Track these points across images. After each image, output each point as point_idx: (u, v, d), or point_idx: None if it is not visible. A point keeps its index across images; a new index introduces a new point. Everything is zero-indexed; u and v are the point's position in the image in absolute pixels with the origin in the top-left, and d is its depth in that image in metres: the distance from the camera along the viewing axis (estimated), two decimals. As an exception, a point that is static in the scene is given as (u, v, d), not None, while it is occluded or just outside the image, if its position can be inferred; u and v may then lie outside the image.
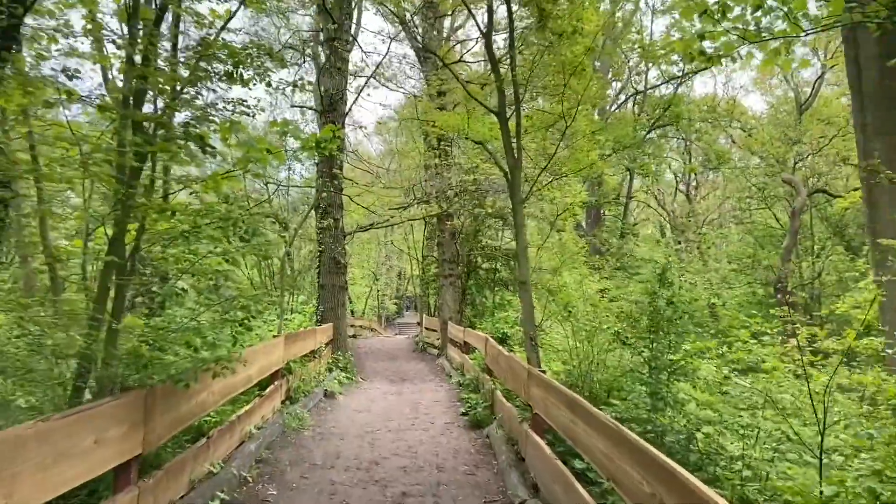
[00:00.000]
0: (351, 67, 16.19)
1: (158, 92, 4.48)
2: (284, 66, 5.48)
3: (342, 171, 14.53)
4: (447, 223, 17.44)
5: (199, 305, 5.12)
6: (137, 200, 4.40)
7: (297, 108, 18.60)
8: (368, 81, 17.13)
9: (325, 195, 13.64)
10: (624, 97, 25.75)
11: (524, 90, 7.76)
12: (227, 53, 4.72)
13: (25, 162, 5.56)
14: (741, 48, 6.46)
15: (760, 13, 5.92)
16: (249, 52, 4.91)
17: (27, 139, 5.80)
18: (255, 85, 5.58)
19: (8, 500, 2.73)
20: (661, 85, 23.53)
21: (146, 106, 5.01)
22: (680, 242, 26.41)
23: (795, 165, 23.72)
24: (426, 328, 21.73)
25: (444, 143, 17.09)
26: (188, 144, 4.29)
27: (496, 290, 18.36)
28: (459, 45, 20.98)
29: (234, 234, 5.22)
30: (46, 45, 5.78)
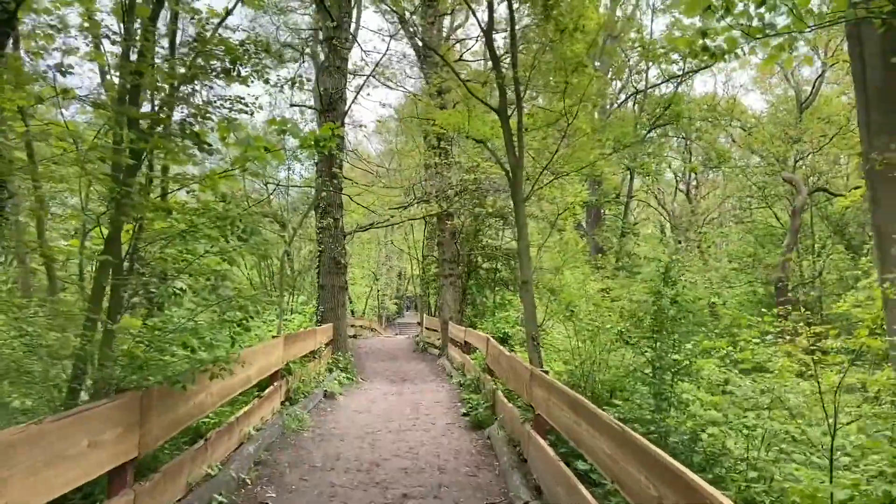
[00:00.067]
0: (350, 66, 16.12)
1: (154, 89, 4.40)
2: (282, 62, 5.43)
3: (342, 170, 14.47)
4: (447, 223, 17.37)
5: (196, 306, 5.04)
6: (133, 199, 4.33)
7: (296, 107, 18.53)
8: (368, 80, 17.07)
9: (324, 194, 13.57)
10: (624, 96, 25.68)
11: (525, 87, 7.69)
12: (223, 50, 4.65)
13: (21, 161, 5.49)
14: (745, 45, 6.40)
15: (764, 9, 5.86)
16: (246, 48, 4.84)
17: (23, 137, 5.74)
18: (252, 82, 5.51)
19: (-3, 505, 2.67)
20: (661, 84, 23.42)
21: (145, 106, 4.96)
22: (680, 242, 26.34)
23: (796, 164, 23.65)
24: (427, 328, 21.66)
25: (444, 142, 17.03)
26: (185, 142, 4.21)
27: (497, 289, 18.30)
28: (459, 44, 20.91)
29: (231, 233, 5.15)
30: (43, 43, 5.73)
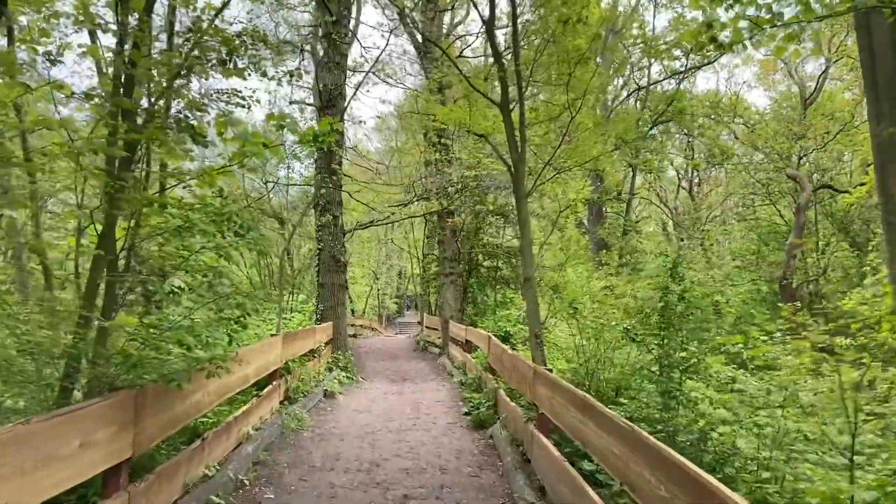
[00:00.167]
0: (350, 63, 16.01)
1: (149, 80, 4.28)
2: (280, 54, 5.30)
3: (341, 166, 14.35)
4: (448, 221, 17.26)
5: (193, 303, 4.92)
6: (127, 193, 4.22)
7: (295, 104, 18.41)
8: (368, 76, 16.94)
9: (323, 191, 13.45)
10: (626, 93, 25.54)
11: (527, 82, 7.57)
12: (219, 40, 4.53)
13: (16, 157, 5.38)
14: (752, 37, 6.28)
15: (773, -2, 5.74)
16: (243, 39, 4.72)
17: (18, 129, 5.63)
18: (249, 75, 5.40)
19: (-16, 507, 2.56)
20: (663, 80, 23.29)
21: (143, 102, 4.85)
22: (682, 239, 26.21)
23: (800, 161, 23.51)
24: (427, 327, 21.55)
25: (444, 138, 16.91)
26: (180, 135, 4.10)
27: (498, 288, 18.18)
28: (459, 40, 20.78)
29: (228, 229, 5.04)
30: (38, 37, 5.62)
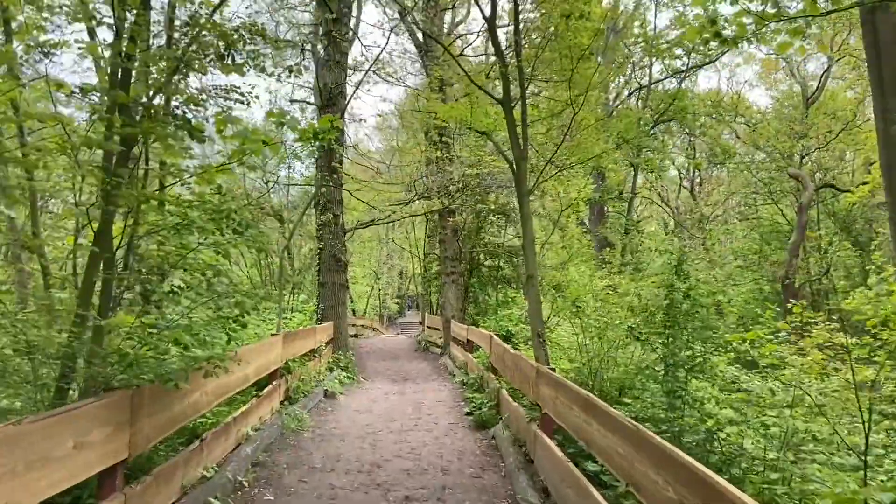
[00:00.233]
0: (350, 62, 15.94)
1: (143, 73, 4.21)
2: (279, 49, 5.22)
3: (342, 165, 14.27)
4: (449, 220, 17.18)
5: (190, 301, 4.85)
6: (123, 190, 4.14)
7: (296, 102, 18.34)
8: (368, 74, 16.86)
9: (324, 190, 13.37)
10: (627, 93, 25.44)
11: (529, 78, 7.49)
12: (217, 35, 4.46)
13: (15, 156, 5.31)
14: (757, 32, 6.20)
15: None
16: (241, 33, 4.65)
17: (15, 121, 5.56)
18: (248, 70, 5.33)
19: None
20: (665, 79, 23.19)
21: (143, 100, 4.78)
22: (684, 239, 26.10)
23: (802, 160, 23.42)
24: (428, 327, 21.48)
25: (445, 137, 16.83)
26: (176, 129, 4.03)
27: (499, 287, 18.10)
28: (460, 39, 20.72)
29: (227, 226, 4.97)
30: (35, 35, 5.55)
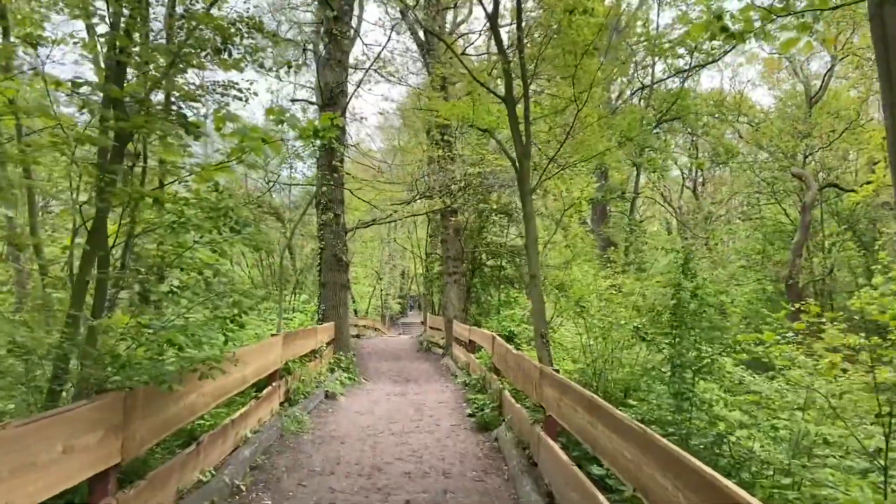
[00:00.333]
0: (352, 61, 15.85)
1: (138, 68, 4.11)
2: (277, 44, 5.12)
3: (343, 164, 14.17)
4: (451, 219, 17.08)
5: (186, 301, 4.74)
6: (117, 186, 4.05)
7: (298, 101, 18.25)
8: (370, 74, 16.76)
9: (325, 190, 13.27)
10: (629, 92, 25.31)
11: (532, 75, 7.38)
12: (213, 28, 4.35)
13: (12, 154, 5.22)
14: (765, 25, 6.09)
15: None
16: (238, 27, 4.54)
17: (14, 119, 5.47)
18: (246, 66, 5.23)
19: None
20: (667, 79, 23.06)
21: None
22: (687, 239, 25.97)
23: (805, 159, 23.29)
24: (430, 327, 21.36)
25: (447, 136, 16.74)
26: (170, 123, 3.92)
27: (501, 287, 17.99)
28: (462, 38, 20.63)
29: (224, 224, 4.87)
30: (32, 32, 5.46)
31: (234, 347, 6.26)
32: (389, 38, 25.90)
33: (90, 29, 5.22)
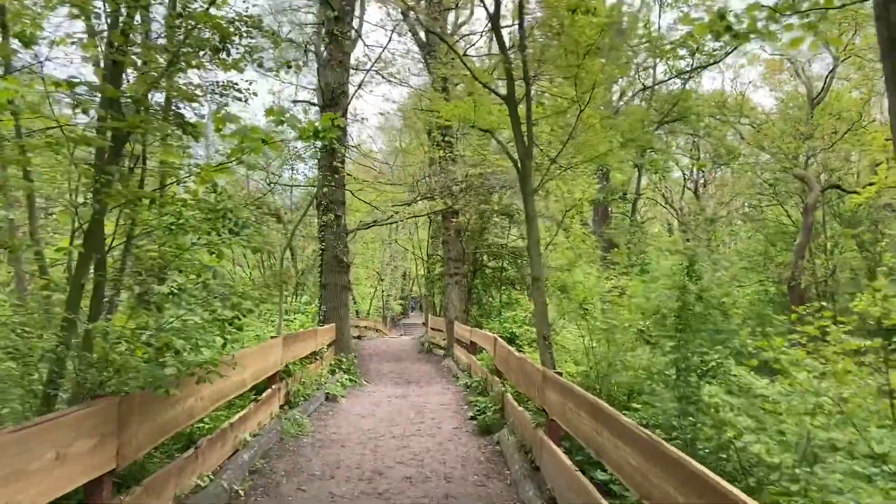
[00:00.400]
0: (353, 62, 15.78)
1: (132, 65, 4.05)
2: (276, 42, 5.05)
3: (344, 165, 14.10)
4: (452, 221, 17.00)
5: (185, 303, 4.67)
6: (113, 187, 3.98)
7: (299, 103, 18.16)
8: (371, 75, 16.71)
9: (326, 191, 13.21)
10: (631, 93, 25.23)
11: (534, 75, 7.31)
12: (211, 26, 4.29)
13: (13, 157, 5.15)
14: (770, 24, 6.03)
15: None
16: (237, 25, 4.48)
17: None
18: (246, 66, 5.16)
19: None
20: (669, 80, 23.01)
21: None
22: (689, 240, 25.89)
23: (808, 161, 23.21)
24: (432, 328, 21.27)
25: (448, 137, 16.67)
26: (167, 123, 3.86)
27: (503, 288, 17.92)
28: (463, 40, 20.56)
29: (222, 226, 4.80)
30: (23, 30, 5.41)
31: (233, 350, 6.20)
32: (391, 38, 25.77)
33: (91, 29, 5.17)
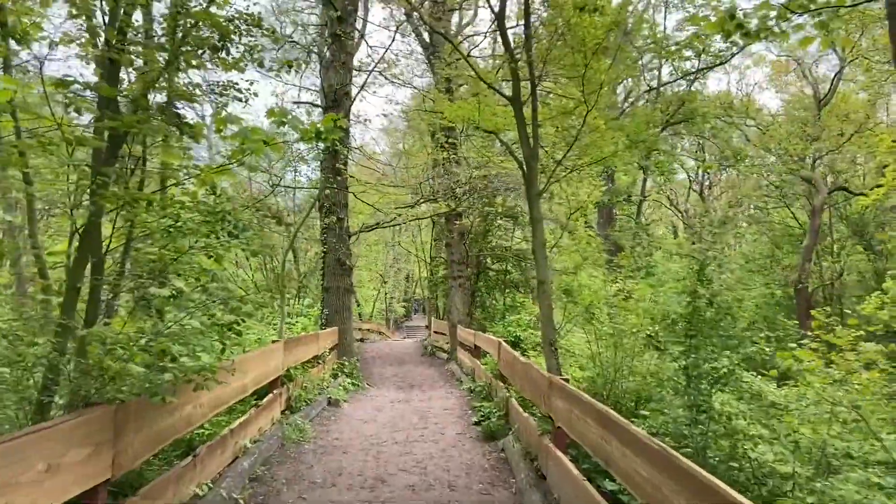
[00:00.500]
0: (356, 64, 15.71)
1: (131, 65, 3.96)
2: (277, 41, 4.95)
3: (346, 167, 14.00)
4: (456, 223, 16.90)
5: (182, 307, 4.57)
6: (109, 189, 3.88)
7: (301, 104, 18.10)
8: (375, 76, 16.62)
9: (328, 193, 13.11)
10: (636, 94, 25.11)
11: (540, 76, 7.20)
12: (210, 24, 4.19)
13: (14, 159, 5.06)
14: (781, 23, 5.92)
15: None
16: (237, 23, 4.38)
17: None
18: (246, 65, 5.07)
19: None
20: (675, 81, 22.87)
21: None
22: (694, 243, 25.74)
23: (814, 163, 23.05)
24: (435, 331, 21.16)
25: (451, 138, 16.57)
26: (164, 123, 3.76)
27: (507, 291, 17.79)
28: (467, 41, 20.49)
29: (221, 228, 4.70)
30: (23, 29, 5.33)
31: (234, 354, 6.10)
32: (394, 39, 25.64)
33: (91, 29, 5.08)
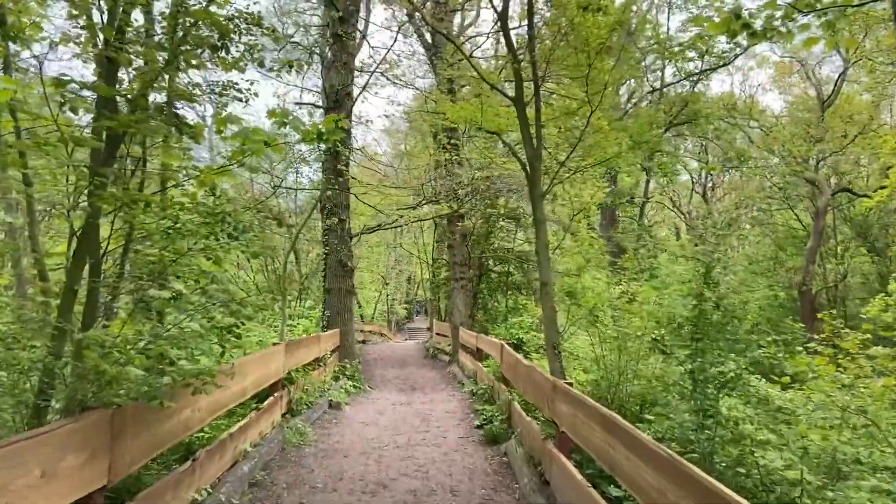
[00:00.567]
0: (358, 64, 15.67)
1: (129, 64, 3.90)
2: (277, 40, 4.90)
3: (348, 167, 13.95)
4: (458, 224, 16.83)
5: (179, 311, 4.50)
6: (107, 190, 3.82)
7: (303, 105, 18.06)
8: (376, 77, 16.60)
9: (329, 194, 13.06)
10: (639, 96, 25.03)
11: (543, 75, 7.14)
12: (209, 24, 4.13)
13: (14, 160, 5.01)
14: (787, 23, 5.86)
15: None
16: (236, 22, 4.32)
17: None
18: (246, 65, 5.01)
19: None
20: (678, 83, 22.78)
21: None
22: (697, 245, 25.66)
23: (818, 164, 22.96)
24: (437, 333, 21.09)
25: (454, 139, 16.51)
26: (162, 123, 3.70)
27: (509, 293, 17.72)
28: (469, 41, 20.44)
29: (221, 230, 4.64)
30: (31, 33, 5.29)
31: (233, 357, 6.03)
32: (396, 39, 25.59)
33: (90, 27, 5.03)
